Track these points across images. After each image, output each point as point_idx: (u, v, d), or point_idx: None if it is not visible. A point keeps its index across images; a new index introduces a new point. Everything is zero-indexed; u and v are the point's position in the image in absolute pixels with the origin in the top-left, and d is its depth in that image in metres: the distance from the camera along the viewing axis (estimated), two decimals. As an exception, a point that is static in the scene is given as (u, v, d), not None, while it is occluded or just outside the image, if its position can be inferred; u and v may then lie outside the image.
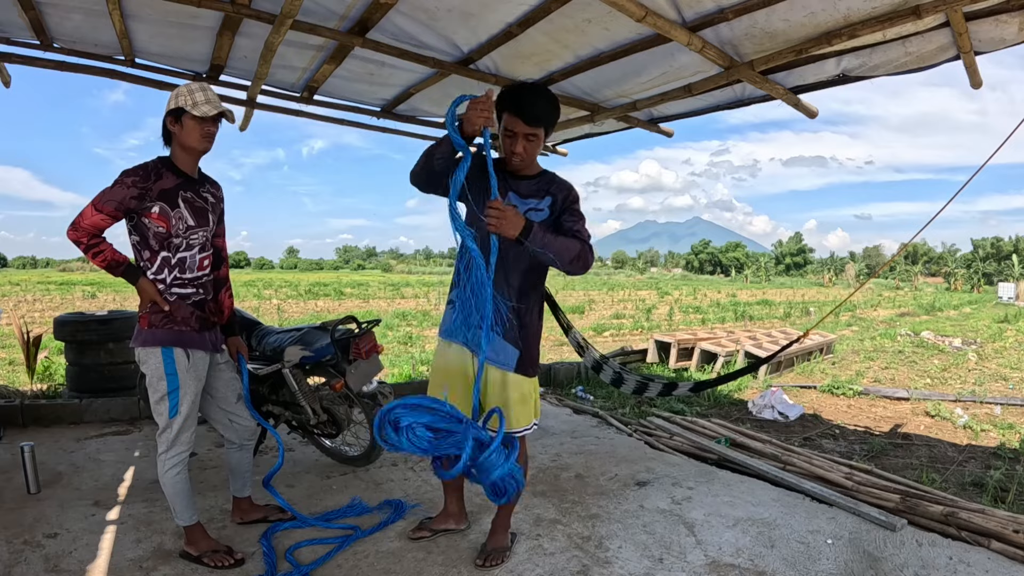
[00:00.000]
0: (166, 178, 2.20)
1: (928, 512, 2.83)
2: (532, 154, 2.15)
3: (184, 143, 2.23)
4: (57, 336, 4.60)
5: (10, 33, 3.16)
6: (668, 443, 4.06)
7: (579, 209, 2.20)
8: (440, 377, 2.31)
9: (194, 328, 2.28)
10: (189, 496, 2.33)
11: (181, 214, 2.22)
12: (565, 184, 2.22)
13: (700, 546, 2.58)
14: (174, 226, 2.21)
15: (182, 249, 2.26)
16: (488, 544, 2.43)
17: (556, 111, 2.15)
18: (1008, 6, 2.43)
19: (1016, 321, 14.82)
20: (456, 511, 2.61)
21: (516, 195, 2.18)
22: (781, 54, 2.88)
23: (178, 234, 2.23)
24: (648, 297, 24.66)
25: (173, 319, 2.23)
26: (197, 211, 2.28)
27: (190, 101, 2.17)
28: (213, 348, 2.39)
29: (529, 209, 2.16)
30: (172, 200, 2.20)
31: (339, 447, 3.52)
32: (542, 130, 2.10)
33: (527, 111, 2.06)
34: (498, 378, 2.24)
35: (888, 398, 6.35)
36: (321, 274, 68.19)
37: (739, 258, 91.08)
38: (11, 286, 25.69)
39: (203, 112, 2.17)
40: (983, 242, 66.79)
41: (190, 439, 2.32)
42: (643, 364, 7.96)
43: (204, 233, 2.32)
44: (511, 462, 1.92)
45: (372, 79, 3.73)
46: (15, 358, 7.48)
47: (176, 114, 2.20)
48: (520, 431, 2.27)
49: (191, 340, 2.26)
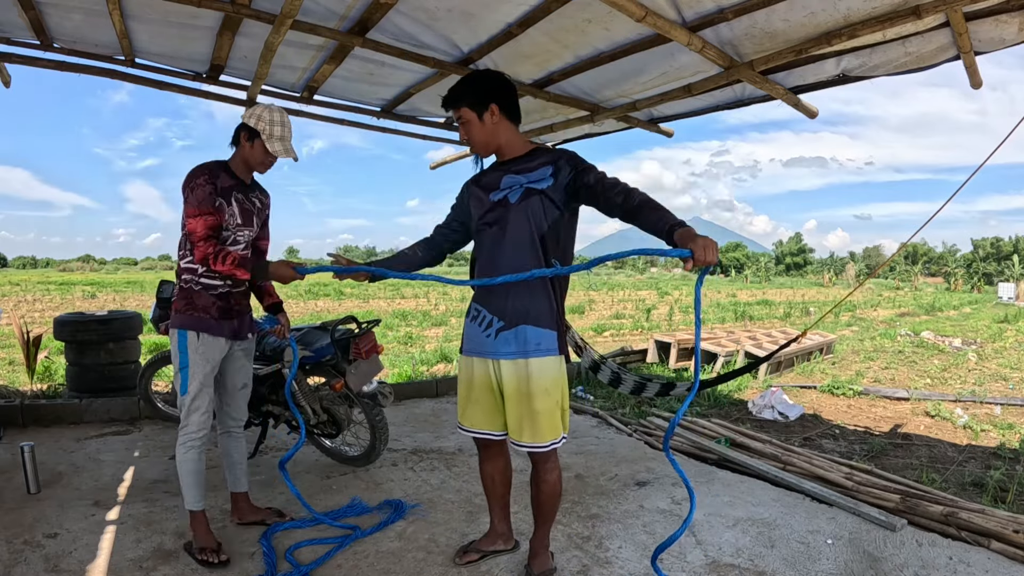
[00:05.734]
0: (224, 178, 2.38)
1: (928, 512, 2.82)
2: (474, 136, 2.10)
3: (247, 159, 2.42)
4: (57, 336, 4.61)
5: (10, 33, 3.16)
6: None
7: (590, 164, 2.07)
8: (465, 389, 2.24)
9: (213, 316, 2.39)
10: (197, 481, 2.39)
11: (233, 212, 2.40)
12: (565, 151, 2.13)
13: (700, 546, 2.58)
14: (227, 221, 2.38)
15: (228, 244, 2.41)
16: (534, 568, 2.27)
17: (468, 85, 2.09)
18: (1008, 6, 2.43)
19: (1016, 321, 14.82)
20: (505, 531, 2.45)
21: (511, 175, 2.10)
22: (781, 54, 2.88)
23: (228, 228, 2.40)
24: (648, 297, 24.64)
25: (194, 306, 2.37)
26: (245, 212, 2.46)
27: (268, 132, 2.33)
28: (232, 336, 2.47)
29: (528, 183, 2.06)
30: (228, 197, 2.38)
31: (339, 447, 3.52)
32: (465, 109, 2.07)
33: (444, 100, 2.12)
34: (515, 383, 2.08)
35: (888, 398, 6.35)
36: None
37: (739, 258, 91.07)
38: (11, 286, 25.68)
39: (274, 150, 2.36)
40: (983, 242, 66.80)
41: (200, 423, 2.38)
42: (643, 364, 7.96)
43: (249, 233, 2.50)
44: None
45: (372, 79, 3.73)
46: (15, 358, 7.48)
47: (252, 133, 2.36)
48: (545, 446, 2.10)
49: (207, 326, 2.38)
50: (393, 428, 4.02)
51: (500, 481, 2.36)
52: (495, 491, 2.38)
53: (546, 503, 2.22)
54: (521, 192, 2.05)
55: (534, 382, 2.06)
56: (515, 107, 2.14)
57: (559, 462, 2.24)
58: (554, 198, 2.03)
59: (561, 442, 2.16)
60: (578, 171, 2.02)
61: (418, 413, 4.70)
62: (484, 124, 2.06)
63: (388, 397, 3.33)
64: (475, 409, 2.22)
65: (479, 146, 2.13)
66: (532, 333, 2.06)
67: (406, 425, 4.34)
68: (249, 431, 3.48)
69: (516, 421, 2.11)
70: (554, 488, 2.21)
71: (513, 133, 2.13)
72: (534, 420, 2.07)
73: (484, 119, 2.06)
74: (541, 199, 2.03)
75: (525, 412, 2.08)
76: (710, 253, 1.64)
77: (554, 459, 2.20)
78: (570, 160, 2.06)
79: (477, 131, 2.08)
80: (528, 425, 2.08)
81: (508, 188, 2.08)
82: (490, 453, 2.33)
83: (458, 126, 2.13)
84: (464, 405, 2.25)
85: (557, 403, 2.11)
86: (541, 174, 2.05)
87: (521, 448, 2.13)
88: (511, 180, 2.09)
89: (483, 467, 2.36)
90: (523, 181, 2.06)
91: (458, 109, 2.08)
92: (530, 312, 2.06)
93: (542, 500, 2.22)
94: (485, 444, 2.30)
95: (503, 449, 2.34)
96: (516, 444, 2.14)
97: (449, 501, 3.00)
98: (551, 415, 2.09)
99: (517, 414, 2.10)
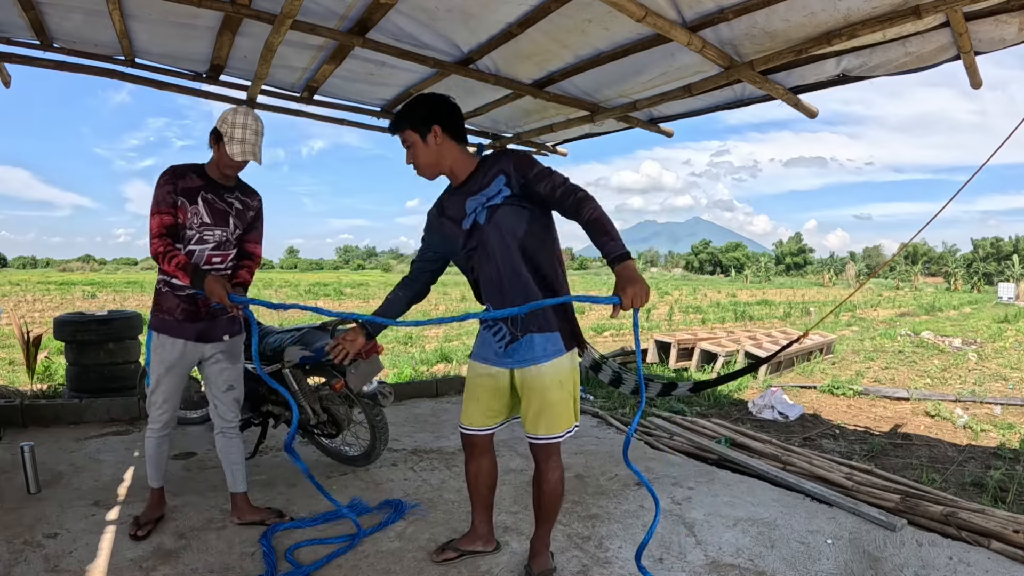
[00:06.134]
0: (190, 179, 2.43)
1: (928, 512, 2.83)
2: (419, 158, 2.10)
3: (217, 162, 2.46)
4: (57, 336, 4.61)
5: (10, 33, 3.16)
6: (668, 443, 4.06)
7: (542, 166, 2.07)
8: (472, 390, 2.30)
9: (176, 318, 2.47)
10: (155, 464, 2.61)
11: (198, 211, 2.42)
12: (507, 154, 2.11)
13: (700, 546, 2.58)
14: (189, 220, 2.41)
15: (193, 242, 2.43)
16: (534, 568, 2.29)
17: (412, 108, 2.10)
18: (1008, 6, 2.43)
19: (1016, 321, 14.82)
20: (485, 532, 2.47)
21: (472, 199, 2.11)
22: (781, 54, 2.88)
23: (192, 227, 2.42)
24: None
25: (159, 307, 2.49)
26: (216, 212, 2.47)
27: (229, 135, 2.35)
28: (200, 338, 2.51)
29: (488, 201, 2.06)
30: (192, 197, 2.42)
31: (339, 447, 3.52)
32: (408, 131, 2.09)
33: (390, 125, 2.16)
34: (529, 382, 2.14)
35: (888, 398, 6.36)
36: (321, 274, 68.20)
37: (739, 258, 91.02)
38: (11, 286, 25.69)
39: (231, 153, 2.36)
40: (983, 242, 66.79)
41: (156, 418, 2.54)
42: (643, 364, 7.97)
43: (221, 233, 2.50)
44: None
45: (372, 79, 3.73)
46: (15, 358, 7.48)
47: (218, 136, 2.39)
48: (560, 435, 2.16)
49: (167, 327, 2.47)
50: (393, 428, 4.02)
51: (484, 482, 2.39)
52: (478, 491, 2.41)
53: (548, 503, 2.25)
54: (486, 212, 2.08)
55: (548, 379, 2.12)
56: (459, 128, 2.14)
57: (561, 462, 2.25)
58: (516, 203, 2.06)
59: (574, 430, 2.22)
60: (528, 180, 2.03)
61: (418, 413, 4.70)
62: (428, 145, 2.08)
63: (388, 397, 3.33)
64: (474, 407, 2.28)
65: (425, 168, 2.13)
66: (539, 340, 2.11)
67: (406, 425, 4.34)
68: (249, 431, 3.50)
69: (533, 415, 2.15)
70: (555, 488, 2.23)
71: (459, 153, 2.13)
72: (550, 412, 2.13)
73: (428, 140, 2.08)
74: (506, 210, 2.05)
75: (541, 405, 2.13)
76: (638, 300, 1.78)
77: (557, 458, 2.22)
78: (518, 167, 2.06)
79: (422, 153, 2.10)
80: (544, 417, 2.13)
81: (473, 212, 2.10)
82: (476, 452, 2.35)
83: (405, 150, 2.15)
84: (467, 404, 2.31)
85: (570, 393, 2.17)
86: (496, 186, 2.07)
87: (537, 441, 2.17)
88: (473, 203, 2.11)
89: (468, 466, 2.39)
90: (483, 200, 2.08)
91: (402, 132, 2.11)
92: (534, 320, 2.10)
93: (544, 500, 2.25)
94: (471, 442, 2.34)
95: (489, 448, 2.37)
96: (533, 439, 2.18)
97: (449, 501, 3.01)
98: (565, 405, 2.15)
99: (535, 408, 2.14)
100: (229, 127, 2.34)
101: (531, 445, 2.21)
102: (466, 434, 2.32)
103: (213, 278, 2.30)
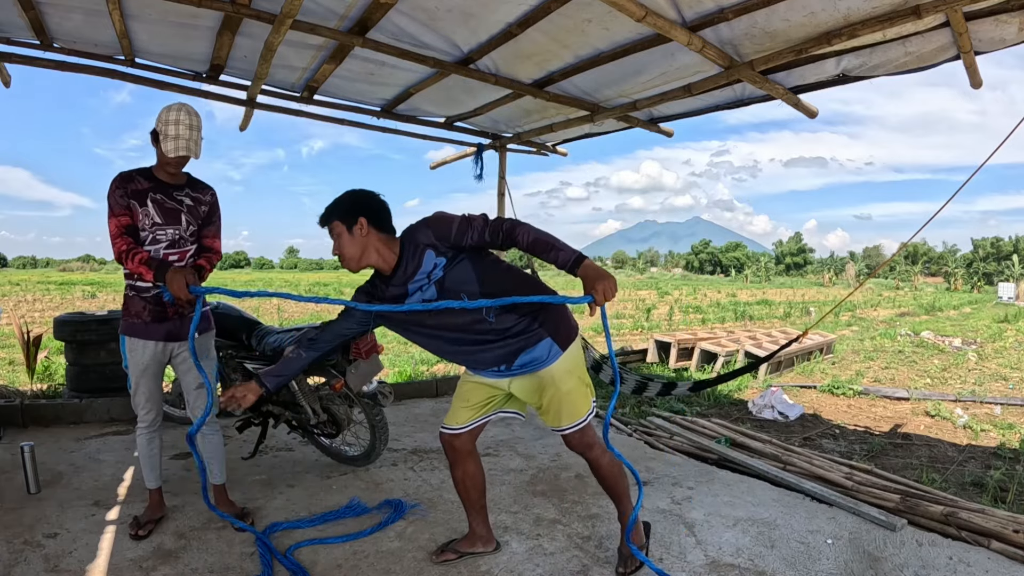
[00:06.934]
0: (138, 182, 2.46)
1: (928, 512, 2.83)
2: (344, 247, 2.13)
3: (159, 161, 2.48)
4: (57, 336, 4.60)
5: (10, 33, 3.16)
6: (668, 443, 4.06)
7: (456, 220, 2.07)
8: (464, 394, 2.34)
9: (144, 320, 2.52)
10: (149, 464, 2.64)
11: (148, 212, 2.46)
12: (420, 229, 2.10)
13: (700, 546, 2.58)
14: (141, 221, 2.45)
15: (148, 243, 2.46)
16: (633, 541, 2.35)
17: (340, 202, 2.15)
18: (1008, 6, 2.43)
19: (1016, 321, 14.83)
20: (484, 533, 2.49)
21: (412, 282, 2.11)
22: (781, 54, 2.88)
23: (144, 228, 2.46)
24: (648, 297, 24.65)
25: (128, 311, 2.54)
26: (167, 212, 2.50)
27: (164, 132, 2.36)
28: (170, 338, 2.56)
29: (423, 280, 2.09)
30: (142, 199, 2.45)
31: (339, 447, 3.52)
32: (336, 223, 2.13)
33: (320, 218, 2.19)
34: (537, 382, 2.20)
35: (888, 398, 6.36)
36: (321, 274, 68.19)
37: (739, 258, 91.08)
38: (11, 286, 25.69)
39: (166, 150, 2.37)
40: (983, 242, 66.79)
41: (148, 418, 2.59)
42: (643, 364, 7.96)
43: (174, 231, 2.52)
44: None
45: (372, 79, 3.73)
46: (15, 358, 7.48)
47: (156, 135, 2.41)
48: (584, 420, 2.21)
49: (136, 330, 2.53)
50: (393, 428, 4.02)
51: (472, 486, 2.41)
52: (468, 496, 2.43)
53: (612, 486, 2.32)
54: (433, 287, 2.10)
55: (557, 374, 2.18)
56: (385, 222, 2.16)
57: (601, 444, 2.26)
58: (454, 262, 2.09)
59: (594, 409, 2.27)
60: (452, 240, 2.07)
61: (418, 413, 4.70)
62: (354, 236, 2.12)
63: (388, 397, 3.33)
64: (459, 404, 2.33)
65: (350, 259, 2.15)
66: (534, 353, 2.16)
67: (406, 425, 4.34)
68: (249, 431, 3.50)
69: (554, 411, 2.20)
70: (612, 471, 2.30)
71: (384, 244, 2.14)
72: (567, 401, 2.19)
73: (354, 232, 2.12)
74: (451, 275, 2.08)
75: (557, 397, 2.18)
76: (609, 293, 1.89)
77: (596, 444, 2.26)
78: (438, 235, 2.08)
79: (347, 243, 2.13)
80: (565, 408, 2.19)
81: (419, 289, 2.11)
82: (459, 457, 2.37)
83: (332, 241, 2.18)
84: (455, 406, 2.35)
85: (580, 379, 2.23)
86: (430, 262, 2.09)
87: (566, 432, 2.22)
88: (415, 284, 2.12)
89: (454, 473, 2.40)
90: (424, 279, 2.10)
91: (330, 223, 2.16)
92: (519, 344, 2.14)
93: (608, 485, 2.33)
94: (452, 446, 2.36)
95: (471, 451, 2.38)
96: (560, 431, 2.22)
97: (449, 501, 3.00)
98: (579, 391, 2.22)
99: (553, 403, 2.19)
100: (163, 125, 2.35)
101: (564, 439, 2.26)
102: (446, 434, 2.35)
103: (175, 270, 2.34)
